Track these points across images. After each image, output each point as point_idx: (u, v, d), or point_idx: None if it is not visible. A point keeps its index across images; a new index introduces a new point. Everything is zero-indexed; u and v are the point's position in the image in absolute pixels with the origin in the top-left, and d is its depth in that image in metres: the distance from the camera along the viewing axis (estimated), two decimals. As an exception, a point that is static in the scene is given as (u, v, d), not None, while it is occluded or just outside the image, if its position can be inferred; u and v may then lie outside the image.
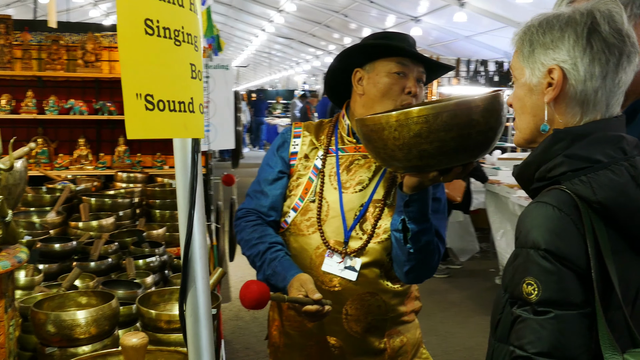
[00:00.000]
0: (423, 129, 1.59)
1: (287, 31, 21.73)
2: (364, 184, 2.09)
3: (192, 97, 1.06)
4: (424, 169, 1.73)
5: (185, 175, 1.10)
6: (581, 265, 1.23)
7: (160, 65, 1.00)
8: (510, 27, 12.19)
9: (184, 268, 1.12)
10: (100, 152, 5.53)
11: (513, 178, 5.56)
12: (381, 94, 2.04)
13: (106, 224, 3.28)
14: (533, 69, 1.40)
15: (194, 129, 1.06)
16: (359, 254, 2.05)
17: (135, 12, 0.97)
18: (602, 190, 1.25)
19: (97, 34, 5.49)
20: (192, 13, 1.09)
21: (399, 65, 2.04)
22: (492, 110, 1.64)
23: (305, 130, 2.24)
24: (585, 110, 1.36)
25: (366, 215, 2.07)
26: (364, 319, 2.08)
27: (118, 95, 5.56)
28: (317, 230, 2.08)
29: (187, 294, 1.13)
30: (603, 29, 1.33)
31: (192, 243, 1.11)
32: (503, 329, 1.38)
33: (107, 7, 18.69)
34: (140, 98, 0.96)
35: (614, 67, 1.33)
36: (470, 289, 6.67)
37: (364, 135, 1.76)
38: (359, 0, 14.23)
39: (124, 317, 2.19)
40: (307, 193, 2.12)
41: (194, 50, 1.08)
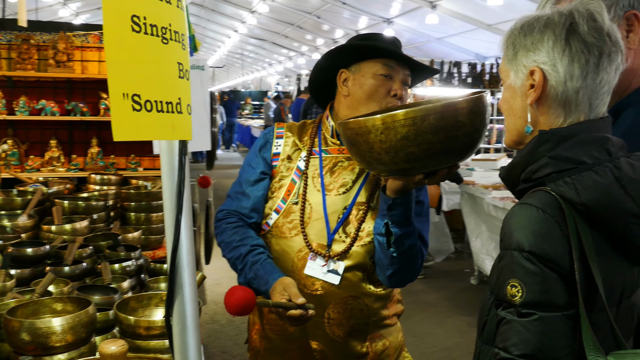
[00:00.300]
0: (410, 132, 1.57)
1: (260, 32, 21.66)
2: (347, 187, 2.06)
3: (179, 97, 1.02)
4: (410, 172, 1.71)
5: (172, 178, 1.06)
6: (565, 267, 1.23)
7: (147, 64, 0.96)
8: (481, 30, 12.31)
9: (171, 275, 1.08)
10: (72, 154, 5.43)
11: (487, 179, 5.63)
12: (367, 95, 2.02)
13: (80, 227, 3.20)
14: (517, 72, 1.41)
15: (182, 130, 1.02)
16: (342, 258, 2.02)
17: (122, 8, 0.93)
18: (586, 191, 1.25)
19: (69, 33, 5.38)
20: (178, 10, 1.05)
21: (385, 67, 2.02)
22: (477, 111, 1.64)
23: (288, 131, 2.21)
24: (568, 111, 1.36)
25: (349, 218, 2.04)
26: (346, 323, 2.05)
27: (91, 95, 5.47)
28: (300, 232, 2.05)
29: (174, 302, 1.09)
30: (582, 29, 1.33)
31: (179, 249, 1.06)
32: (489, 330, 1.38)
33: (77, 7, 18.43)
34: (127, 98, 0.92)
35: (594, 66, 1.33)
36: (446, 290, 6.69)
37: (347, 139, 1.73)
38: (331, 1, 14.22)
39: (101, 324, 2.13)
40: (289, 195, 2.09)
41: (181, 48, 1.04)
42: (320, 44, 19.67)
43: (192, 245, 1.08)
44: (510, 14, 11.17)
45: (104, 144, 5.49)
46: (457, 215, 7.71)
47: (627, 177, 1.26)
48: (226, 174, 15.42)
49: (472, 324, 5.67)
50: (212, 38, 27.95)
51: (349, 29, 16.53)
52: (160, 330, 2.01)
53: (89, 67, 5.35)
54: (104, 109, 5.32)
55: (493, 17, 11.77)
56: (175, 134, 1.01)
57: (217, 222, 2.18)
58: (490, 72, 11.07)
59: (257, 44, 25.32)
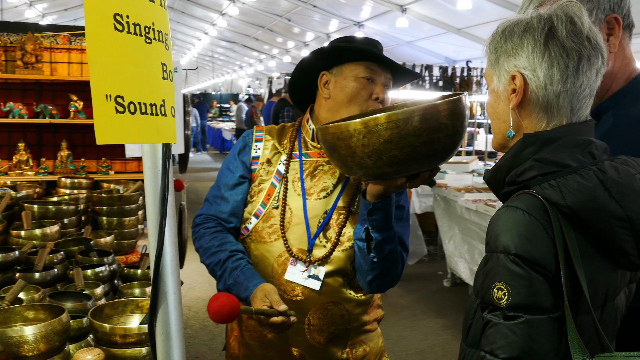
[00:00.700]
0: (394, 135, 1.56)
1: (230, 35, 21.56)
2: (328, 191, 2.04)
3: (163, 99, 0.99)
4: (392, 176, 1.70)
5: (155, 183, 1.02)
6: (551, 270, 1.23)
7: (130, 65, 0.92)
8: (451, 33, 12.41)
9: (155, 282, 1.04)
10: (41, 157, 5.32)
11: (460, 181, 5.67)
12: (348, 98, 2.00)
13: (50, 232, 3.13)
14: (499, 76, 1.42)
15: (166, 133, 0.99)
16: (323, 263, 2.00)
17: (104, 6, 0.89)
18: (571, 194, 1.25)
19: (38, 34, 5.27)
20: (162, 9, 1.01)
21: (367, 70, 2.00)
22: (458, 113, 1.64)
23: (268, 134, 2.18)
24: (550, 115, 1.37)
25: (330, 222, 2.02)
26: (326, 329, 2.03)
27: (60, 98, 5.37)
28: (280, 237, 2.02)
29: (157, 309, 1.05)
30: (560, 33, 1.34)
31: (163, 256, 1.03)
32: (474, 334, 1.37)
33: (43, 8, 18.15)
34: (110, 100, 0.89)
35: (574, 70, 1.34)
36: (419, 292, 6.70)
37: (328, 144, 1.70)
38: (301, 4, 14.21)
39: (74, 331, 2.08)
40: (269, 199, 2.06)
41: (165, 48, 1.01)
42: (291, 46, 19.64)
43: (176, 252, 1.05)
44: (478, 18, 11.29)
45: (73, 147, 5.39)
46: (429, 218, 7.73)
47: (611, 180, 1.26)
48: (198, 177, 15.31)
49: (446, 326, 5.69)
50: (182, 40, 27.74)
51: (319, 32, 16.53)
52: (137, 337, 1.96)
53: (58, 68, 5.25)
54: (73, 111, 5.22)
55: (462, 21, 11.88)
56: (160, 137, 0.97)
57: (195, 227, 2.14)
58: (460, 76, 11.14)
59: (227, 47, 25.21)
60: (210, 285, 6.64)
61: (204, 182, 14.25)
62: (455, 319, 5.87)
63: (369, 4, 12.73)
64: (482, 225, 5.68)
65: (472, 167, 8.11)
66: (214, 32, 21.20)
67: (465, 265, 6.06)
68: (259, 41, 21.03)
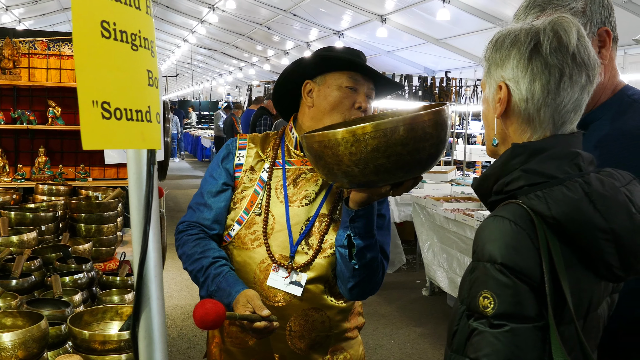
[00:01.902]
0: (381, 144, 1.58)
1: (210, 42, 21.54)
2: (310, 198, 2.06)
3: (149, 105, 0.99)
4: (377, 184, 1.71)
5: (139, 188, 1.03)
6: (536, 279, 1.24)
7: (117, 71, 0.93)
8: (430, 44, 12.53)
9: (138, 288, 1.04)
10: (18, 164, 5.27)
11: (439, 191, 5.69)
12: (331, 107, 2.02)
13: (28, 239, 3.10)
14: (490, 85, 1.45)
15: (151, 139, 0.99)
16: (305, 269, 2.01)
17: (92, 13, 0.90)
18: (557, 205, 1.26)
19: (15, 40, 5.24)
20: (148, 16, 1.02)
21: (350, 79, 2.03)
22: (442, 123, 1.67)
23: (251, 142, 2.19)
24: (533, 127, 1.40)
25: (312, 229, 2.03)
26: (307, 335, 2.04)
27: (38, 103, 5.33)
28: (263, 244, 2.03)
29: (140, 315, 1.05)
30: (544, 49, 1.36)
31: (147, 261, 1.03)
32: (459, 340, 1.38)
33: (20, 13, 18.01)
34: (97, 106, 0.89)
35: (555, 87, 1.36)
36: (398, 301, 6.72)
37: (314, 152, 1.71)
38: (282, 13, 14.26)
39: (53, 338, 2.06)
40: (252, 206, 2.07)
41: (151, 55, 1.02)
42: (271, 54, 19.68)
43: (160, 258, 1.06)
44: (457, 29, 11.41)
45: (51, 153, 5.35)
46: (409, 227, 7.77)
47: (596, 192, 1.28)
48: (177, 185, 15.24)
49: (424, 335, 5.71)
50: (162, 47, 27.66)
51: (299, 40, 16.59)
52: (116, 344, 1.95)
53: (37, 74, 5.21)
54: (51, 117, 5.19)
55: (441, 32, 12.00)
56: (145, 143, 0.98)
57: (178, 234, 2.14)
58: (440, 86, 11.24)
59: (207, 54, 25.18)
60: (188, 294, 6.61)
61: (183, 190, 14.20)
62: (434, 327, 5.89)
63: (349, 13, 12.81)
64: (460, 234, 5.72)
65: (451, 177, 8.18)
66: (193, 40, 21.17)
67: (443, 274, 6.10)
68: (239, 49, 21.05)
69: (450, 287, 5.95)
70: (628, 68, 9.14)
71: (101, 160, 5.42)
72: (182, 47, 24.63)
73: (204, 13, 17.20)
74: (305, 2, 12.85)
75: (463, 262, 5.67)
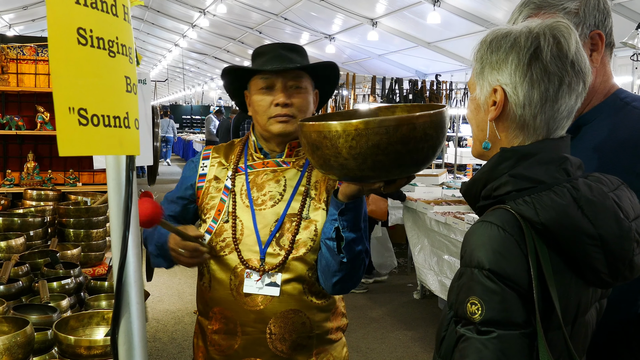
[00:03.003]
0: (382, 140, 1.57)
1: (201, 46, 21.55)
2: (276, 199, 2.08)
3: (127, 111, 1.00)
4: (372, 179, 1.71)
5: (119, 194, 1.03)
6: (524, 286, 1.24)
7: (94, 78, 0.93)
8: (421, 47, 12.57)
9: (117, 292, 1.05)
10: (7, 169, 5.25)
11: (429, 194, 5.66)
12: (256, 111, 2.10)
13: (15, 244, 3.09)
14: (482, 87, 1.43)
15: (130, 145, 1.00)
16: (279, 270, 2.02)
17: (67, 20, 0.90)
18: (545, 211, 1.26)
19: (3, 45, 5.22)
20: (126, 23, 1.03)
21: (262, 80, 2.07)
22: (442, 125, 1.67)
23: (215, 152, 2.24)
24: (526, 133, 1.39)
25: (282, 230, 2.04)
26: (288, 337, 2.04)
27: (26, 109, 5.31)
28: (234, 250, 2.05)
29: (120, 320, 1.06)
30: (545, 56, 1.35)
31: (126, 266, 1.04)
32: (447, 346, 1.38)
33: (10, 18, 17.97)
34: (73, 112, 0.90)
35: (554, 95, 1.35)
36: (389, 304, 6.73)
37: (312, 141, 1.69)
38: (272, 17, 14.28)
39: (39, 344, 2.06)
40: (220, 214, 2.10)
41: (129, 62, 1.02)
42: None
43: (139, 263, 1.06)
44: (448, 33, 11.46)
45: (40, 159, 5.33)
46: (399, 230, 7.78)
47: (584, 198, 1.27)
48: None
49: (415, 339, 5.72)
50: (153, 52, 27.67)
51: (291, 44, 16.59)
52: (102, 349, 1.95)
53: (25, 79, 5.20)
54: (40, 122, 5.17)
55: (432, 35, 12.04)
56: (123, 149, 0.98)
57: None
58: (430, 89, 11.27)
59: (198, 58, 25.17)
60: (179, 298, 6.60)
61: (174, 194, 14.13)
62: (425, 331, 5.91)
63: (340, 17, 12.84)
64: (450, 237, 5.73)
65: (442, 180, 8.19)
66: (184, 44, 21.17)
67: (434, 278, 6.11)
68: (230, 53, 21.05)
69: (441, 291, 5.96)
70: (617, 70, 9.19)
71: (90, 166, 5.41)
72: (173, 52, 24.63)
73: (195, 17, 17.20)
74: (296, 6, 12.87)
75: (453, 265, 5.69)
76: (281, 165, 2.12)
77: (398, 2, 10.92)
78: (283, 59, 2.05)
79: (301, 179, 2.10)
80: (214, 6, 14.72)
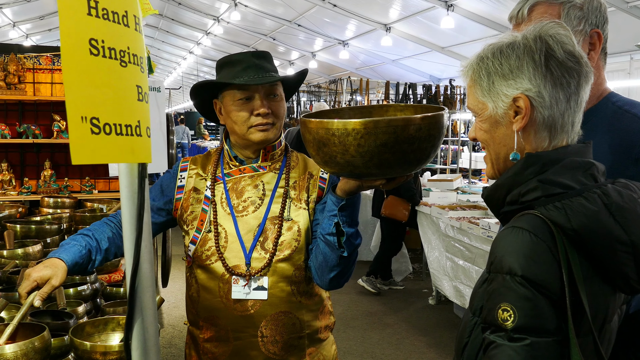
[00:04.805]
0: (390, 139, 1.60)
1: (215, 54, 21.65)
2: (256, 204, 2.10)
3: (139, 120, 1.02)
4: (376, 176, 1.74)
5: (132, 201, 1.05)
6: (556, 292, 1.23)
7: (106, 87, 0.96)
8: (435, 52, 12.55)
9: (130, 298, 1.07)
10: (24, 177, 5.32)
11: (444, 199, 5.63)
12: (234, 122, 2.09)
13: (33, 251, 3.13)
14: (496, 101, 1.40)
15: (141, 153, 1.02)
16: (265, 273, 2.05)
17: (80, 32, 0.92)
18: (576, 217, 1.25)
19: (20, 55, 5.29)
20: (137, 33, 1.05)
21: (240, 92, 2.07)
22: (443, 126, 1.71)
23: (192, 163, 2.24)
24: (553, 134, 1.38)
25: (265, 234, 2.07)
26: (280, 339, 2.07)
27: (43, 118, 5.38)
28: (219, 258, 2.07)
29: (133, 326, 1.07)
30: (558, 53, 1.35)
31: (139, 272, 1.05)
32: (470, 353, 1.37)
33: (27, 29, 18.17)
34: (86, 121, 0.92)
35: (575, 89, 1.36)
36: (405, 310, 6.72)
37: (319, 137, 1.70)
38: (286, 23, 14.32)
39: (55, 350, 2.08)
40: (202, 224, 2.11)
41: (140, 71, 1.04)
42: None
43: (152, 269, 1.08)
44: (462, 37, 11.44)
45: (57, 167, 5.39)
46: (414, 235, 7.77)
47: (615, 204, 1.27)
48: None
49: (430, 345, 5.70)
50: (167, 59, 27.82)
51: (304, 50, 16.66)
52: (118, 355, 1.97)
53: (41, 89, 5.27)
54: (57, 131, 5.23)
55: (446, 40, 12.03)
56: (135, 157, 1.00)
57: None
58: (444, 94, 11.26)
59: (212, 65, 25.25)
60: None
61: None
62: (440, 337, 5.88)
63: (353, 22, 12.85)
64: (465, 242, 5.72)
65: (457, 185, 8.17)
66: (199, 51, 21.28)
67: (449, 283, 6.09)
68: (244, 60, 21.05)
69: (456, 296, 5.94)
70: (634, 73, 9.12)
71: (106, 173, 5.47)
72: (187, 59, 24.76)
73: (209, 25, 17.29)
74: (310, 13, 12.91)
75: (468, 271, 5.67)
76: (258, 170, 2.15)
77: (411, 7, 10.92)
78: (258, 69, 2.07)
79: (279, 181, 2.13)
80: (228, 13, 14.79)
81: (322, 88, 15.96)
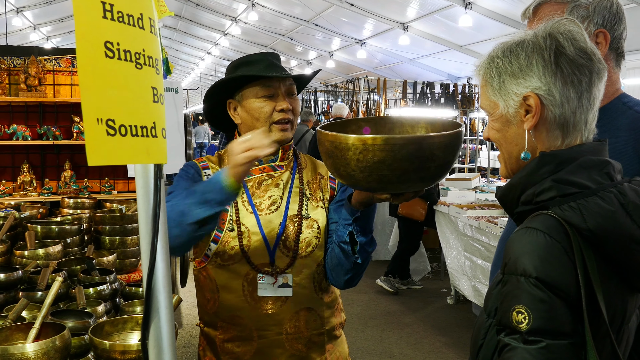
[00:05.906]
0: (388, 157, 1.61)
1: (233, 54, 21.73)
2: (277, 203, 2.12)
3: (154, 121, 1.03)
4: (378, 191, 1.77)
5: (147, 202, 1.07)
6: (571, 294, 1.21)
7: (121, 89, 0.97)
8: (453, 50, 12.49)
9: (147, 298, 1.08)
10: (45, 178, 5.38)
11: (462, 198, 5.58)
12: (255, 119, 2.09)
13: (53, 251, 3.17)
14: (507, 100, 1.39)
15: (157, 154, 1.03)
16: (290, 270, 2.08)
17: (95, 35, 0.94)
18: (593, 217, 1.23)
19: (40, 58, 5.35)
20: (152, 35, 1.06)
21: (264, 88, 2.08)
22: (453, 146, 1.69)
23: (210, 162, 2.23)
24: (565, 132, 1.36)
25: (286, 232, 2.09)
26: (303, 336, 2.10)
27: (63, 119, 5.44)
28: (243, 257, 2.07)
29: (149, 325, 1.08)
30: (569, 51, 1.33)
31: (155, 272, 1.07)
32: (485, 355, 1.35)
33: (47, 31, 18.37)
34: (101, 123, 0.93)
35: (587, 86, 1.34)
36: (423, 310, 6.70)
37: (326, 149, 1.75)
38: (303, 23, 14.34)
39: (75, 349, 2.11)
40: (224, 223, 2.11)
41: (155, 73, 1.06)
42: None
43: (168, 269, 1.09)
44: (480, 35, 11.37)
45: (77, 168, 5.45)
46: (433, 235, 7.75)
47: (632, 203, 1.25)
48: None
49: (449, 345, 5.68)
50: (186, 60, 27.97)
51: (321, 50, 16.66)
52: (136, 354, 1.99)
53: (61, 90, 5.33)
54: (76, 132, 5.29)
55: (464, 38, 11.96)
56: (150, 158, 1.01)
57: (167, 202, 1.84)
58: (462, 92, 11.21)
59: (231, 66, 25.31)
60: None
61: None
62: (459, 336, 5.86)
63: (370, 22, 12.83)
64: (483, 242, 5.69)
65: (475, 184, 8.13)
66: (217, 52, 21.37)
67: (467, 283, 6.07)
68: (262, 60, 21.10)
69: (474, 296, 5.92)
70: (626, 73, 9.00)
71: (125, 174, 5.52)
72: (205, 60, 24.87)
73: (227, 25, 17.36)
74: (327, 12, 12.91)
75: (487, 270, 5.64)
76: (277, 169, 2.16)
77: (429, 5, 10.88)
78: (278, 68, 2.11)
79: (293, 180, 2.17)
80: (245, 14, 14.84)
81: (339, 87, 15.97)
